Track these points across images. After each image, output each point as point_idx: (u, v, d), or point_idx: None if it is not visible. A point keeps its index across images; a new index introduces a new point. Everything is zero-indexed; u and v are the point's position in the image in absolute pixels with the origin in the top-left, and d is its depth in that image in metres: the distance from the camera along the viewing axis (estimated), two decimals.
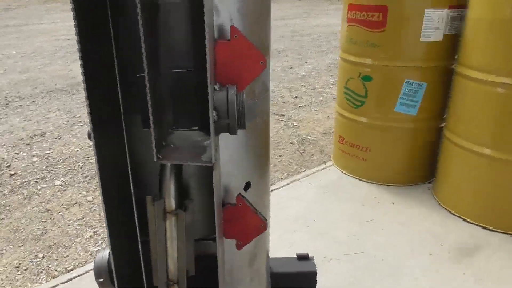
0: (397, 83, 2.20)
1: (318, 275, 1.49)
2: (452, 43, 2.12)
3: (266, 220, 0.94)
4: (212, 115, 0.72)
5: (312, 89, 4.33)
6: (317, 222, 2.05)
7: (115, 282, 0.98)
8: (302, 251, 1.80)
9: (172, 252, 0.86)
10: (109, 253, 1.21)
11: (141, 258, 0.96)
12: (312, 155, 2.89)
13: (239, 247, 0.96)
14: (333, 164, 2.63)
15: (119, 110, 0.86)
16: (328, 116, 3.52)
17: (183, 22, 0.82)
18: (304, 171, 2.63)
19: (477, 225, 2.02)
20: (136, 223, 0.93)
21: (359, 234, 1.96)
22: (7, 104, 4.09)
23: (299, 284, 1.53)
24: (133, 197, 0.90)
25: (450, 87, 2.17)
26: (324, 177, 2.49)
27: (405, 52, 2.16)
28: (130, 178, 0.88)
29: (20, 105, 4.04)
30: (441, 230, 2.00)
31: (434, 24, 2.08)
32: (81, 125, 3.51)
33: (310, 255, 1.59)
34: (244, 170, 0.97)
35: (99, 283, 1.23)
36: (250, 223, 0.94)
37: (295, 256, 1.58)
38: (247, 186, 1.00)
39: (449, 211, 2.13)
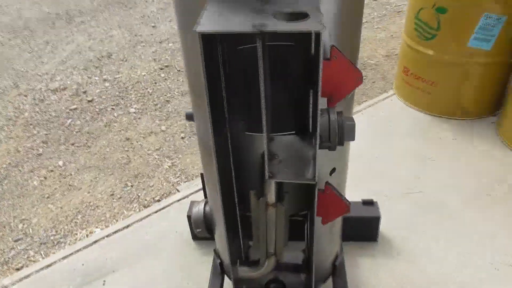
0: (474, 17, 2.09)
1: None
2: None
3: (350, 204, 1.07)
4: (317, 140, 0.80)
5: None
6: (379, 158, 2.16)
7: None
8: (365, 189, 1.94)
9: (272, 235, 1.02)
10: (204, 210, 1.41)
11: (240, 230, 1.12)
12: (374, 82, 2.88)
13: (324, 222, 1.10)
14: (395, 94, 2.64)
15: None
16: (392, 35, 3.39)
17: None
18: (365, 101, 2.66)
19: None
20: (221, 205, 1.04)
21: (419, 172, 2.06)
22: (69, 20, 4.19)
23: (365, 226, 1.71)
24: (235, 190, 1.03)
25: None
26: (386, 108, 2.53)
27: None
28: (233, 173, 1.01)
29: (82, 21, 4.14)
30: (502, 170, 2.06)
31: None
32: (143, 46, 3.60)
33: (374, 200, 1.74)
34: (330, 157, 1.07)
35: (197, 232, 1.46)
36: (335, 207, 1.07)
37: (361, 200, 1.74)
38: (332, 171, 1.11)
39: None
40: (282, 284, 1.21)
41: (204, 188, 1.61)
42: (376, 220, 1.70)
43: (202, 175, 1.61)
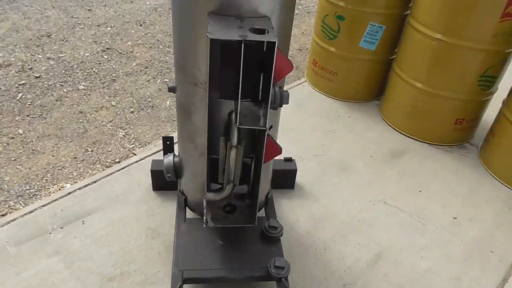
0: (363, 24, 2.80)
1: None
2: None
3: (281, 148, 1.65)
4: (269, 104, 1.36)
5: None
6: (294, 130, 2.79)
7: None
8: (284, 153, 2.56)
9: (232, 167, 1.56)
10: (173, 161, 1.89)
11: (207, 167, 1.64)
12: None
13: (265, 161, 1.67)
14: (306, 81, 3.30)
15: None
16: (303, 33, 4.06)
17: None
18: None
19: (406, 135, 2.85)
20: (207, 148, 1.58)
21: (324, 141, 2.74)
22: None
23: (285, 177, 2.32)
24: (206, 137, 1.55)
25: (403, 31, 2.81)
26: (298, 93, 3.18)
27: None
28: (206, 124, 1.52)
29: None
30: (381, 139, 2.82)
31: None
32: (82, 28, 3.86)
33: (293, 158, 2.36)
34: (270, 118, 1.64)
35: (168, 177, 1.94)
36: (272, 150, 1.64)
37: (283, 158, 2.35)
38: (270, 127, 1.69)
39: (388, 124, 2.93)
40: (234, 207, 1.76)
41: (164, 148, 2.10)
42: (294, 172, 2.32)
43: (164, 138, 2.10)
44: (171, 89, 1.68)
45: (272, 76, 1.30)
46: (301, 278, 1.89)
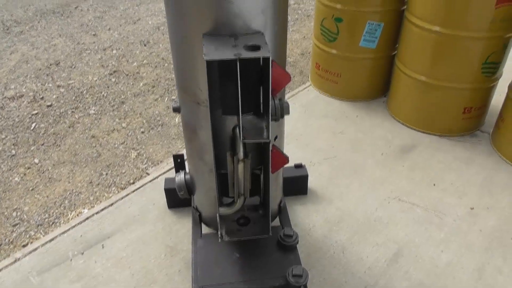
0: (361, 24, 2.81)
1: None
2: None
3: (288, 157, 1.67)
4: (270, 116, 1.38)
5: None
6: (303, 136, 2.81)
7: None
8: (295, 159, 2.58)
9: (241, 181, 1.59)
10: (184, 178, 1.93)
11: (216, 181, 1.67)
12: (294, 76, 3.55)
13: (272, 171, 1.69)
14: (311, 85, 3.32)
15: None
16: (304, 37, 4.08)
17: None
18: (288, 92, 3.31)
19: (415, 129, 2.84)
20: (214, 164, 1.60)
21: (333, 143, 2.74)
22: (7, 29, 4.37)
23: (297, 183, 2.33)
24: (213, 151, 1.58)
25: (402, 26, 2.80)
26: (304, 97, 3.20)
27: None
28: (211, 141, 1.55)
29: (21, 31, 4.35)
30: (390, 135, 2.81)
31: None
32: (88, 53, 3.95)
33: (303, 164, 2.37)
34: (274, 129, 1.67)
35: (180, 195, 1.98)
36: (279, 160, 1.66)
37: (293, 165, 2.36)
38: (275, 138, 1.71)
39: (396, 120, 2.93)
40: (247, 219, 1.79)
41: (176, 165, 2.14)
42: (305, 178, 2.34)
43: (174, 156, 2.14)
44: (176, 109, 1.72)
45: (270, 89, 1.32)
46: (321, 283, 1.90)
